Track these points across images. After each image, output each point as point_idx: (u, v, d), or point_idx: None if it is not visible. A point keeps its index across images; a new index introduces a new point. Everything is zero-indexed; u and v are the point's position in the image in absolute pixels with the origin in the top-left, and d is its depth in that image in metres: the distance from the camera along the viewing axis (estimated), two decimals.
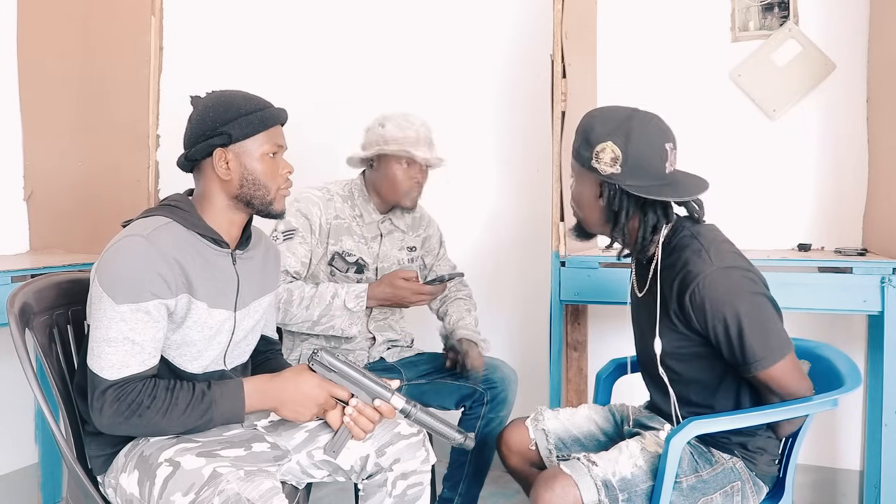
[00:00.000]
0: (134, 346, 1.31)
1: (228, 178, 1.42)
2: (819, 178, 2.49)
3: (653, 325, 1.54)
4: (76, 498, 1.44)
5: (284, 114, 1.48)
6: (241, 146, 1.41)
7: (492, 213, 2.88)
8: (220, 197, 1.44)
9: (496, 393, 2.04)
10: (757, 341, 1.41)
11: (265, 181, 1.43)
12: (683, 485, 1.46)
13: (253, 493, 1.26)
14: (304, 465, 1.53)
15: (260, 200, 1.44)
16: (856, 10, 2.42)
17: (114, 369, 1.30)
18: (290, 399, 1.40)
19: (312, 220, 2.03)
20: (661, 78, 2.61)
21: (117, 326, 1.30)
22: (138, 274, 1.30)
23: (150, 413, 1.30)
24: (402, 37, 2.95)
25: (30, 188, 2.58)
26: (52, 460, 2.51)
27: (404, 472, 1.51)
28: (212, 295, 1.41)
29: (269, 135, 1.43)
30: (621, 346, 1.97)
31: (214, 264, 1.42)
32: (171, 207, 1.42)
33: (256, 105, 1.43)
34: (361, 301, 1.96)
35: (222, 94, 1.45)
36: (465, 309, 2.20)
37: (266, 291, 1.57)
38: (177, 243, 1.36)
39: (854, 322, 2.43)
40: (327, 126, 2.94)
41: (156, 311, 1.32)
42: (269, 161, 1.43)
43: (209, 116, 1.41)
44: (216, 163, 1.41)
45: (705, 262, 1.43)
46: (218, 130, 1.40)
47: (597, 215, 1.55)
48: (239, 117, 1.40)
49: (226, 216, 1.45)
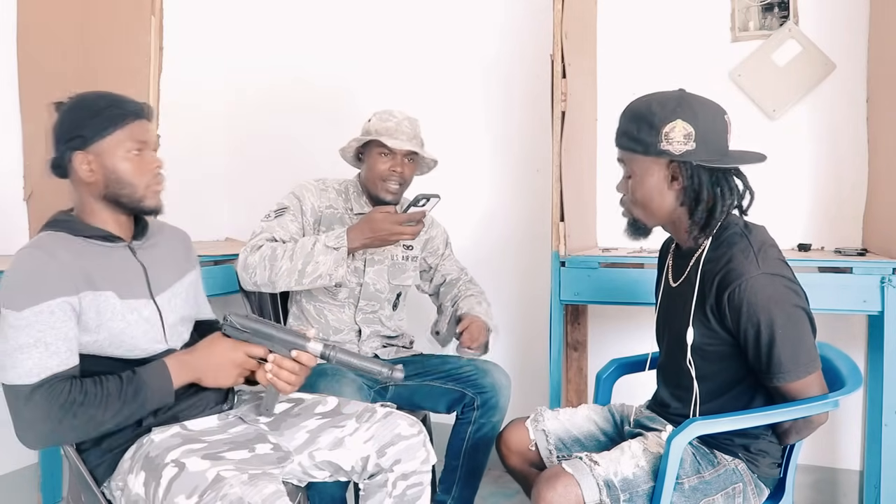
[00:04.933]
0: (48, 347, 1.28)
1: (92, 179, 1.41)
2: (819, 177, 2.49)
3: (686, 316, 1.52)
4: (76, 498, 1.44)
5: (142, 108, 1.44)
6: (100, 146, 1.39)
7: (492, 212, 2.88)
8: (92, 199, 1.43)
9: (487, 398, 2.03)
10: (787, 354, 1.40)
11: (130, 179, 1.41)
12: (685, 485, 1.46)
13: (256, 498, 1.26)
14: (305, 466, 1.53)
15: (128, 199, 1.43)
16: (856, 10, 2.42)
17: (32, 373, 1.27)
18: (209, 367, 1.42)
19: (304, 204, 2.06)
20: (661, 78, 2.57)
21: (25, 332, 1.28)
22: (34, 277, 1.30)
23: (84, 409, 1.29)
24: (401, 37, 2.95)
25: (30, 188, 2.58)
26: (52, 460, 2.50)
27: (404, 472, 1.51)
28: (119, 286, 1.40)
29: (129, 131, 1.41)
30: (621, 346, 1.98)
31: (112, 258, 1.42)
32: (54, 222, 1.43)
33: (109, 102, 1.41)
34: (342, 239, 1.93)
35: (79, 97, 1.44)
36: (477, 302, 2.19)
37: (184, 272, 1.58)
38: (67, 247, 1.37)
39: (854, 322, 2.43)
40: (327, 126, 2.94)
41: (60, 311, 1.30)
42: (133, 158, 1.41)
43: (65, 121, 1.40)
44: (78, 166, 1.40)
45: (752, 263, 1.41)
46: (73, 133, 1.39)
47: (670, 202, 1.49)
48: (91, 117, 1.39)
49: (106, 215, 1.44)
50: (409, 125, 2.07)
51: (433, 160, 2.15)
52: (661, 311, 1.68)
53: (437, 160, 2.16)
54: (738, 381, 1.52)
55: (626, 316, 2.62)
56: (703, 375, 1.53)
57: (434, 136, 2.27)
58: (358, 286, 2.11)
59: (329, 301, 2.11)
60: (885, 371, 2.03)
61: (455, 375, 2.06)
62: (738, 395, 1.53)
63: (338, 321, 2.12)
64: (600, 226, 2.68)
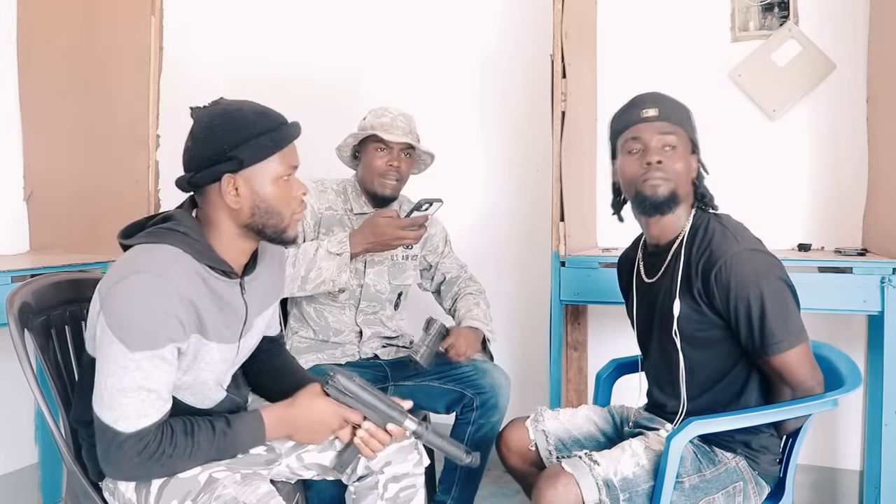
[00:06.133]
0: (150, 394, 1.21)
1: (238, 206, 1.28)
2: (819, 177, 2.49)
3: (668, 302, 1.56)
4: (76, 498, 1.43)
5: (299, 129, 1.34)
6: (253, 170, 1.26)
7: (492, 212, 2.88)
8: (228, 225, 1.30)
9: (486, 398, 2.03)
10: (777, 324, 1.44)
11: (279, 208, 1.30)
12: (686, 484, 1.46)
13: (250, 497, 1.25)
14: (293, 468, 1.53)
15: (273, 229, 1.32)
16: (856, 10, 2.41)
17: (130, 421, 1.20)
18: (305, 426, 1.39)
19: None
20: (661, 78, 2.60)
21: (132, 375, 1.19)
22: (155, 319, 1.19)
23: (172, 461, 1.24)
24: (401, 37, 2.95)
25: (30, 188, 2.58)
26: (52, 460, 2.50)
27: (395, 474, 1.51)
28: (220, 330, 1.32)
29: (283, 156, 1.29)
30: (621, 346, 1.97)
31: (224, 298, 1.31)
32: (181, 235, 1.27)
33: (270, 123, 1.29)
34: (344, 245, 1.93)
35: (230, 108, 1.29)
36: (474, 302, 2.19)
37: (270, 303, 1.49)
38: (189, 278, 1.25)
39: (854, 322, 2.43)
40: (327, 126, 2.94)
41: (171, 356, 1.23)
42: (282, 185, 1.30)
43: (216, 137, 1.26)
44: (224, 189, 1.26)
45: (732, 241, 1.48)
46: (227, 155, 1.25)
47: (690, 179, 1.58)
48: (250, 139, 1.25)
49: (236, 245, 1.32)
50: (405, 120, 2.08)
51: (430, 155, 2.15)
52: (641, 311, 1.70)
53: (434, 155, 2.15)
54: (730, 369, 1.54)
55: (626, 316, 2.61)
56: (694, 365, 1.55)
57: (434, 136, 2.27)
58: (359, 287, 2.11)
59: (329, 303, 2.11)
60: (885, 371, 2.03)
61: (454, 376, 2.06)
62: (729, 383, 1.55)
63: (338, 323, 2.11)
64: (600, 226, 2.68)
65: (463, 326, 2.09)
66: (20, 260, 2.34)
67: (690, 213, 1.58)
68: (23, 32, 2.55)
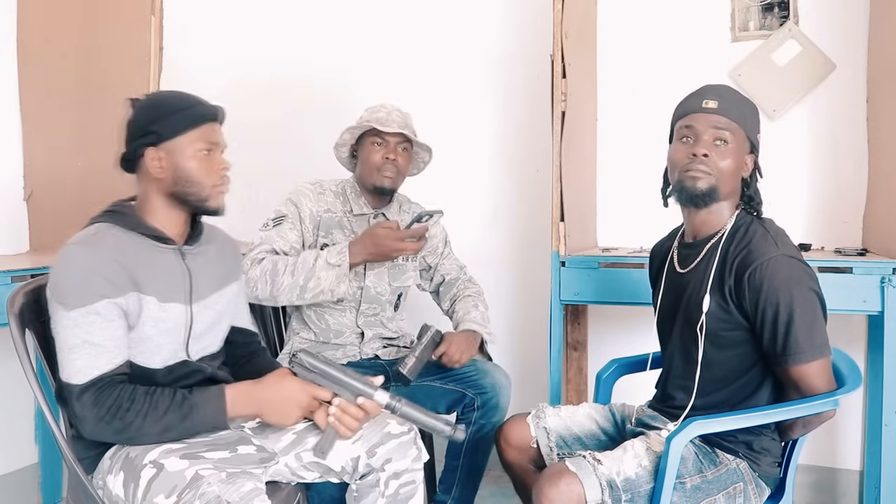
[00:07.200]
0: (94, 347, 1.32)
1: (161, 176, 1.44)
2: (819, 177, 2.49)
3: (696, 295, 1.55)
4: (76, 498, 1.44)
5: (217, 111, 1.49)
6: (172, 144, 1.43)
7: (492, 212, 2.88)
8: (156, 196, 1.46)
9: (487, 398, 2.03)
10: (803, 333, 1.43)
11: (198, 178, 1.45)
12: (687, 485, 1.46)
13: (234, 496, 1.26)
14: (293, 468, 1.53)
15: (195, 197, 1.46)
16: (856, 10, 2.42)
17: (81, 373, 1.32)
18: (273, 404, 1.41)
19: (302, 210, 2.05)
20: (661, 78, 2.60)
21: (74, 332, 1.32)
22: (82, 278, 1.33)
23: (129, 416, 1.32)
24: (401, 37, 2.95)
25: (30, 188, 2.58)
26: (52, 460, 2.50)
27: (396, 471, 1.51)
28: (162, 290, 1.43)
29: (201, 132, 1.45)
30: (621, 346, 1.98)
31: (160, 261, 1.45)
32: (111, 213, 1.46)
33: (186, 103, 1.46)
34: (343, 256, 1.94)
35: (155, 95, 1.51)
36: (472, 304, 2.19)
37: (227, 282, 1.59)
38: (117, 245, 1.40)
39: (854, 322, 2.43)
40: (327, 126, 2.94)
41: (106, 311, 1.34)
42: (202, 158, 1.45)
43: (140, 117, 1.45)
44: (148, 162, 1.44)
45: (771, 245, 1.49)
46: (147, 129, 1.43)
47: (738, 179, 1.57)
48: (167, 116, 1.43)
49: (165, 214, 1.47)
50: (400, 115, 2.08)
51: (427, 152, 2.15)
52: (666, 300, 1.68)
53: (432, 151, 2.16)
54: (745, 371, 1.53)
55: (626, 316, 2.62)
56: (712, 362, 1.54)
57: (434, 136, 2.27)
58: (359, 290, 2.11)
59: (330, 306, 2.10)
60: (885, 371, 2.03)
61: (455, 376, 2.06)
62: (743, 385, 1.54)
63: (339, 325, 2.11)
64: (600, 226, 2.68)
65: (459, 331, 2.09)
66: (20, 260, 2.33)
67: (734, 212, 1.58)
68: (23, 32, 2.54)
